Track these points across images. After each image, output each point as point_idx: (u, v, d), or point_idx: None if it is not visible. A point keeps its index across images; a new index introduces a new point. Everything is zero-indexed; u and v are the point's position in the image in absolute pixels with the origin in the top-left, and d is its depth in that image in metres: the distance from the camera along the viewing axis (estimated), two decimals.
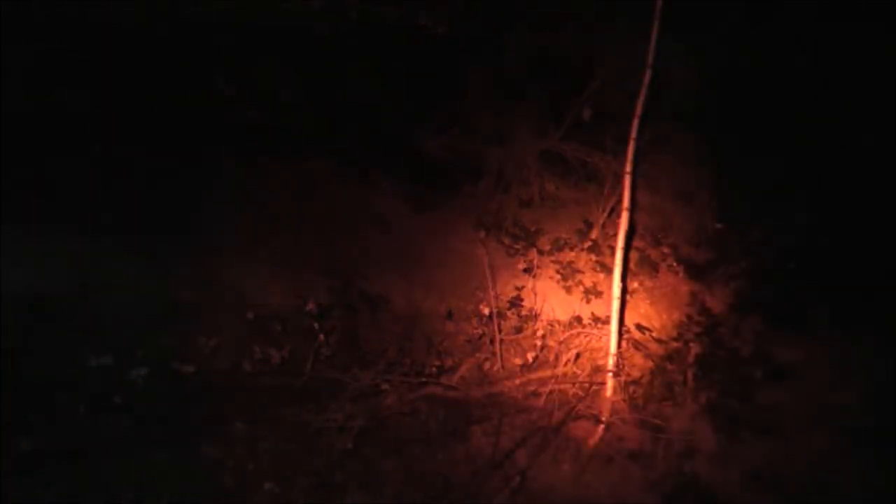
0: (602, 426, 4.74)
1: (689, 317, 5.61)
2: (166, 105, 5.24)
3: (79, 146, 4.85)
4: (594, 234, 5.87)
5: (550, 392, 4.84)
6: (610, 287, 5.07)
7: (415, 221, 5.77)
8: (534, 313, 5.39)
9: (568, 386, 4.94)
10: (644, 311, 5.56)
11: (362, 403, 4.38)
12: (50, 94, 4.95)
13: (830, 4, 5.66)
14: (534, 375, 4.95)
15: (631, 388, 4.98)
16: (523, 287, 5.50)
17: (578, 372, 5.07)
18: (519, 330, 5.28)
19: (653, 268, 5.79)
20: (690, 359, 5.31)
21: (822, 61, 5.76)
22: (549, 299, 5.53)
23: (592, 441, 4.71)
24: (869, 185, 5.89)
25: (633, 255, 5.45)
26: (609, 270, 5.14)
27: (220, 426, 4.03)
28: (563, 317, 5.47)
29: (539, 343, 5.20)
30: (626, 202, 4.99)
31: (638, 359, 5.23)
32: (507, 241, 5.83)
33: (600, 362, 5.04)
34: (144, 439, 3.83)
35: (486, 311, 5.22)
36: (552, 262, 5.77)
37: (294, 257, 5.03)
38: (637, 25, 4.93)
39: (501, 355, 5.04)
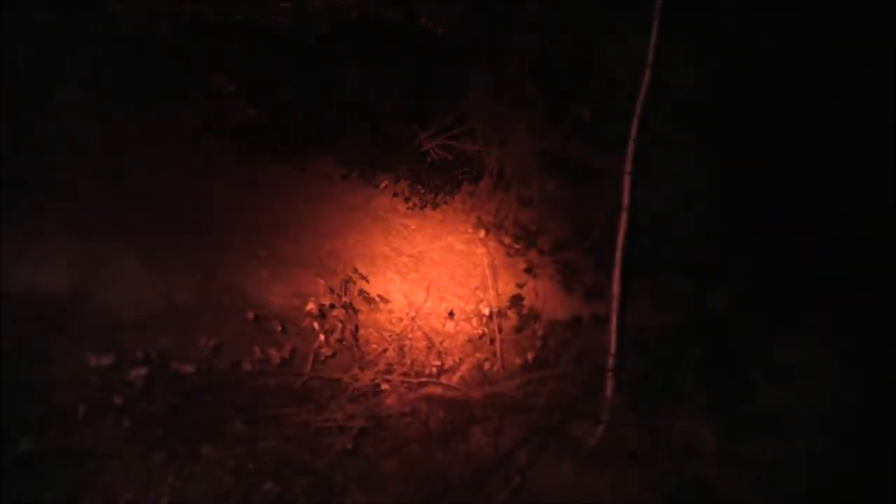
0: (602, 426, 4.74)
1: (689, 317, 5.61)
2: (166, 104, 5.24)
3: (79, 146, 4.85)
4: (594, 234, 5.86)
5: (550, 392, 4.84)
6: (610, 287, 5.07)
7: (414, 221, 5.78)
8: (534, 313, 5.39)
9: (568, 386, 4.94)
10: (644, 311, 5.56)
11: (362, 403, 4.38)
12: (50, 93, 4.96)
13: (830, 4, 5.66)
14: (534, 375, 4.95)
15: (631, 388, 4.98)
16: (523, 287, 5.51)
17: (578, 372, 5.06)
18: (519, 330, 5.28)
19: (653, 268, 5.78)
20: (690, 359, 5.31)
21: (822, 60, 5.76)
22: (549, 299, 5.53)
23: (592, 441, 4.71)
24: (869, 184, 5.89)
25: (633, 255, 5.44)
26: (609, 270, 5.14)
27: (220, 426, 4.03)
28: (563, 317, 5.47)
29: (539, 343, 5.20)
30: (625, 202, 5.00)
31: (638, 359, 5.23)
32: (507, 241, 5.83)
33: (600, 362, 5.04)
34: (144, 439, 3.83)
35: (487, 310, 5.23)
36: (552, 262, 5.77)
37: (294, 257, 5.03)
38: (637, 25, 4.93)
39: (501, 355, 5.04)
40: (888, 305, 5.64)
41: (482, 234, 5.80)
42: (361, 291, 5.02)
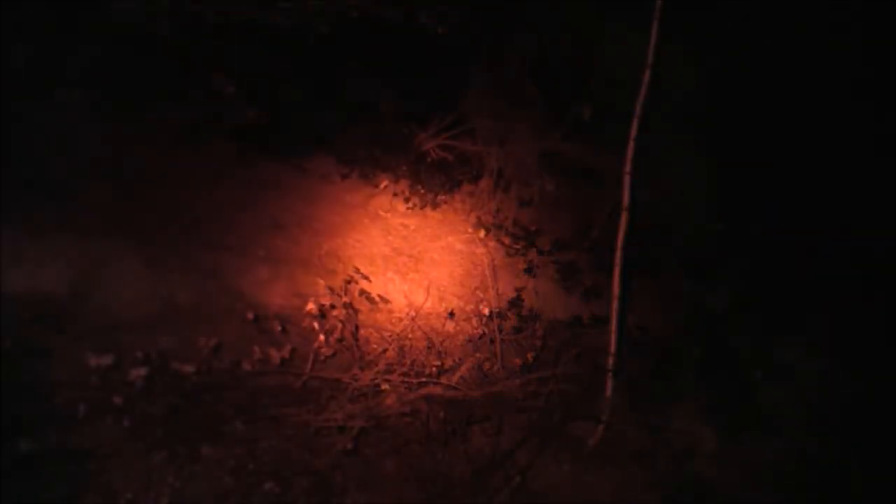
0: (602, 426, 4.75)
1: (689, 317, 5.61)
2: (166, 104, 5.24)
3: (79, 146, 4.85)
4: (594, 234, 5.87)
5: (550, 392, 4.84)
6: (610, 287, 5.07)
7: (414, 221, 5.78)
8: (534, 313, 5.39)
9: (568, 386, 4.94)
10: (644, 311, 5.56)
11: (362, 403, 4.38)
12: (50, 93, 4.95)
13: (829, 5, 5.67)
14: (534, 375, 4.95)
15: (631, 388, 4.98)
16: (523, 287, 5.51)
17: (578, 372, 5.06)
18: (519, 330, 5.28)
19: (653, 268, 5.79)
20: (690, 359, 5.31)
21: (822, 60, 5.76)
22: (549, 299, 5.53)
23: (592, 441, 4.71)
24: (869, 184, 5.89)
25: (633, 255, 5.45)
26: (609, 270, 5.14)
27: (220, 426, 4.03)
28: (563, 317, 5.47)
29: (539, 343, 5.20)
30: (626, 202, 5.00)
31: (638, 359, 5.23)
32: (507, 241, 5.83)
33: (600, 362, 5.04)
34: (144, 439, 3.83)
35: (487, 310, 5.23)
36: (552, 262, 5.77)
37: (294, 257, 5.03)
38: (637, 25, 4.93)
39: (501, 355, 5.04)
40: (888, 305, 5.64)
41: (482, 234, 5.80)
42: (361, 291, 5.02)
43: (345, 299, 4.87)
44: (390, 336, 4.89)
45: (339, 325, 4.73)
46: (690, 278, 5.83)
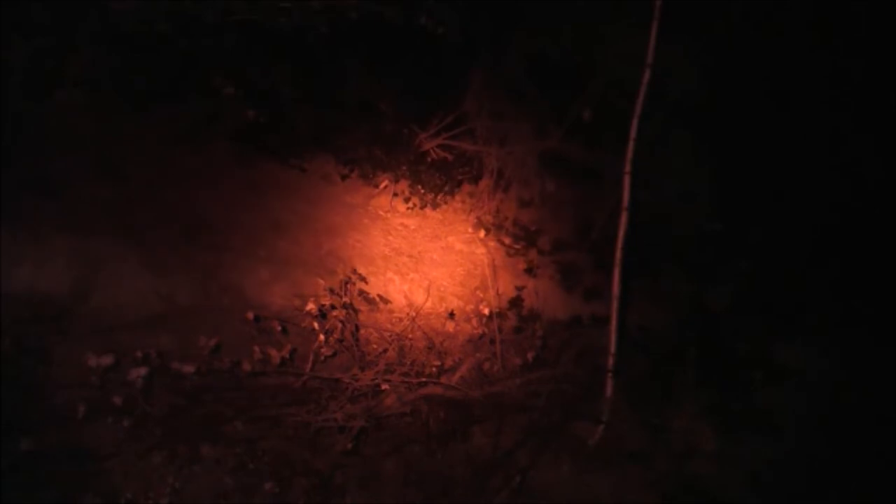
0: (602, 426, 4.75)
1: (689, 317, 5.61)
2: (166, 104, 5.24)
3: (79, 146, 4.85)
4: (594, 234, 5.87)
5: (550, 392, 4.84)
6: (610, 287, 5.07)
7: (414, 221, 5.78)
8: (534, 313, 5.39)
9: (568, 386, 4.94)
10: (644, 311, 5.56)
11: (362, 403, 4.38)
12: (50, 93, 4.96)
13: (830, 4, 5.67)
14: (534, 375, 4.95)
15: (631, 388, 4.98)
16: (523, 287, 5.51)
17: (578, 372, 5.07)
18: (519, 330, 5.28)
19: (653, 268, 5.79)
20: (690, 359, 5.31)
21: (822, 60, 5.76)
22: (549, 299, 5.53)
23: (592, 441, 4.71)
24: (869, 184, 5.89)
25: (633, 255, 5.45)
26: (609, 270, 5.14)
27: (220, 426, 4.03)
28: (563, 317, 5.47)
29: (539, 343, 5.20)
30: (625, 202, 5.00)
31: (638, 359, 5.23)
32: (507, 241, 5.83)
33: (600, 362, 5.04)
34: (144, 439, 3.83)
35: (487, 311, 5.23)
36: (552, 262, 5.77)
37: (294, 257, 5.03)
38: (637, 25, 4.93)
39: (501, 355, 5.04)
40: (888, 306, 5.64)
41: (482, 234, 5.81)
42: (361, 292, 5.02)
43: (345, 299, 4.87)
44: (390, 336, 4.89)
45: (339, 326, 4.73)
46: (690, 278, 5.83)
